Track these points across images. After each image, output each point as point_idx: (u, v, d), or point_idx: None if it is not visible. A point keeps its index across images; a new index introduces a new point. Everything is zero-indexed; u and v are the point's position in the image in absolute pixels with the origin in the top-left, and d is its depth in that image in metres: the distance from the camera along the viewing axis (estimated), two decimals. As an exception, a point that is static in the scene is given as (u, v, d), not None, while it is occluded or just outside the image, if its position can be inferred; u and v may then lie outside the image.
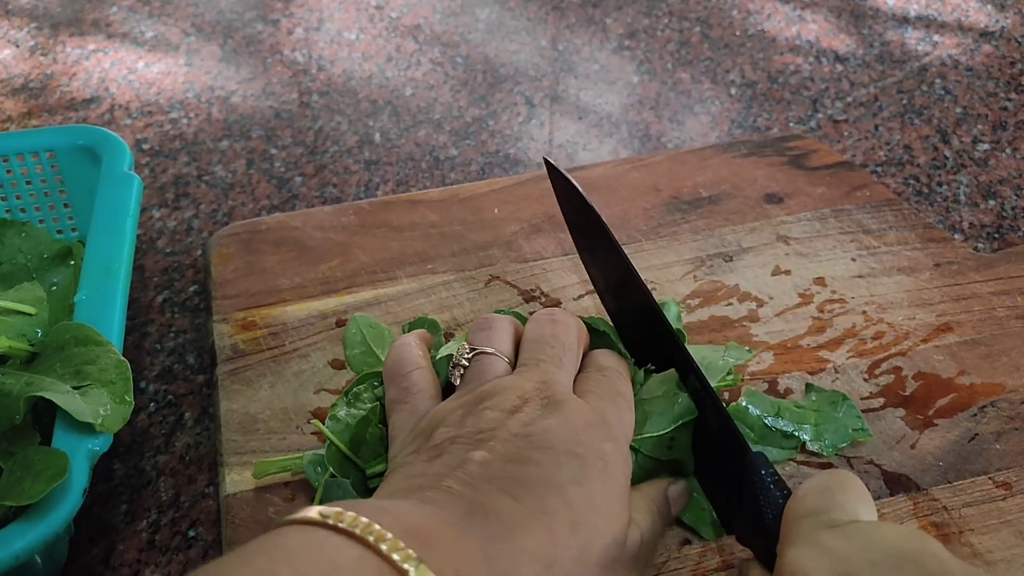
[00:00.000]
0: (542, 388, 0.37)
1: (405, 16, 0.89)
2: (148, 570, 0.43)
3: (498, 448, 0.34)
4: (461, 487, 0.32)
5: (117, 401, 0.39)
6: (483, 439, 0.34)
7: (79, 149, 0.55)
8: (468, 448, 0.34)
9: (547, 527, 0.31)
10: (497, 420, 0.35)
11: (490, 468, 0.33)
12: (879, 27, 0.88)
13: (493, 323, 0.42)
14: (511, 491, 0.32)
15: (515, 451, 0.34)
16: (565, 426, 0.35)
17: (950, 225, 0.64)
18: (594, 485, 0.33)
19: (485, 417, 0.36)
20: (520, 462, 0.33)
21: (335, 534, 0.27)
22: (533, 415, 0.35)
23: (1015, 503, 0.43)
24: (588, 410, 0.37)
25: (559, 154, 0.71)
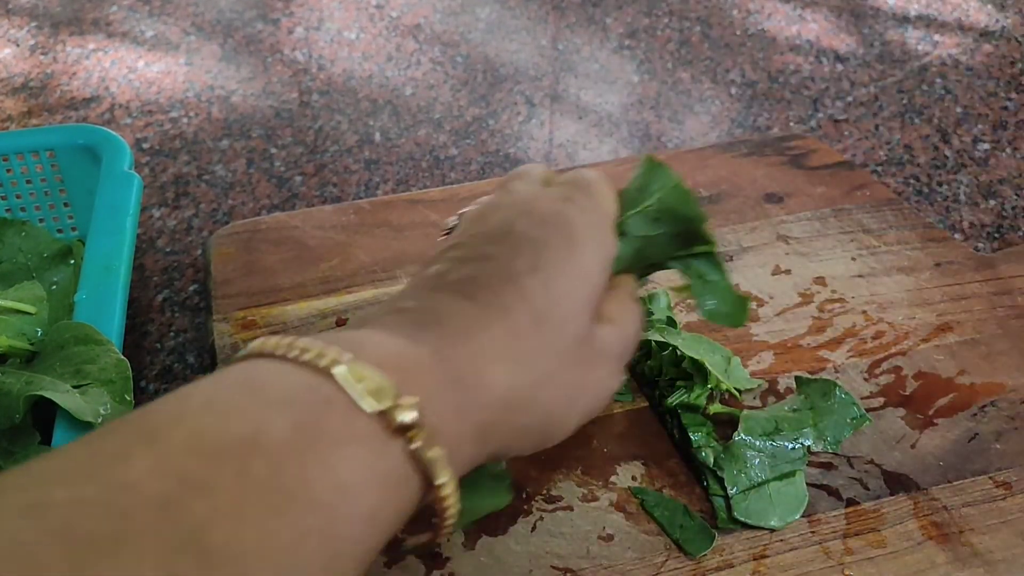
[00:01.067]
0: (507, 181, 0.36)
1: (405, 15, 0.89)
2: (148, 569, 0.43)
3: (453, 254, 0.32)
4: (413, 302, 0.30)
5: (117, 400, 0.39)
6: (457, 244, 0.33)
7: (79, 148, 0.55)
8: (434, 263, 0.33)
9: (505, 321, 0.29)
10: (465, 228, 0.34)
11: (446, 278, 0.31)
12: (879, 27, 0.88)
13: None
14: (465, 291, 0.30)
15: (471, 251, 0.32)
16: (525, 206, 0.33)
17: (950, 225, 0.64)
18: (554, 271, 0.31)
19: (459, 232, 0.35)
20: (476, 260, 0.32)
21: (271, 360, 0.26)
22: (494, 204, 0.34)
23: (1015, 503, 0.43)
24: (554, 191, 0.35)
25: (559, 153, 0.71)
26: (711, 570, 0.40)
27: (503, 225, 0.33)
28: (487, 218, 0.34)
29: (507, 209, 0.34)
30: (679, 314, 0.53)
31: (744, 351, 0.51)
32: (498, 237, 0.32)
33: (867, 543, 0.41)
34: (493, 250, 0.32)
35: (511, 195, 0.36)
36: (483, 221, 0.34)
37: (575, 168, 0.40)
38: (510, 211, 0.34)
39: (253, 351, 0.26)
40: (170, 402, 0.24)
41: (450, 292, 0.30)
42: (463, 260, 0.32)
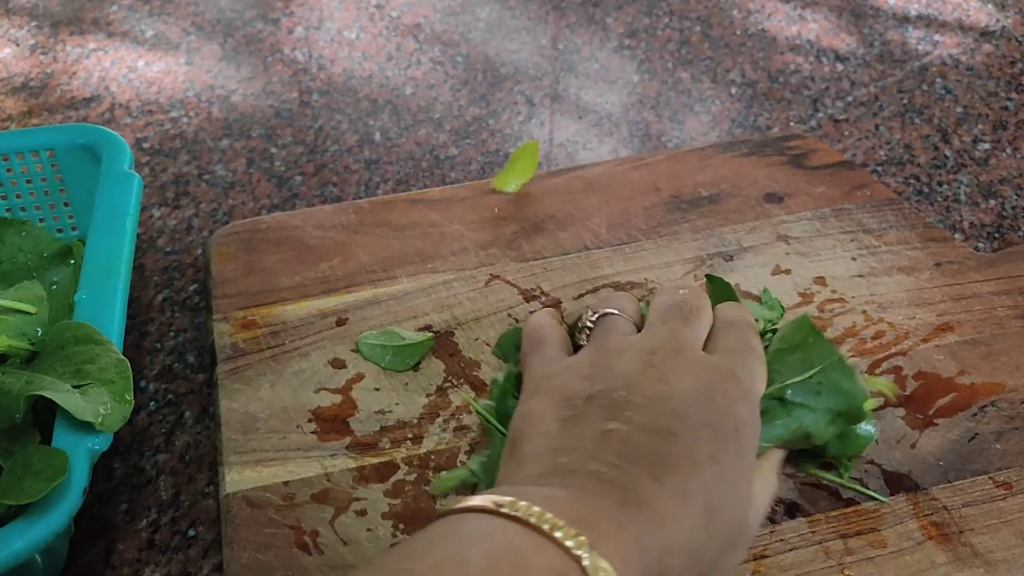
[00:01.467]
0: (669, 342, 0.37)
1: (405, 15, 0.89)
2: (148, 569, 0.43)
3: (635, 418, 0.34)
4: (610, 471, 0.32)
5: (117, 400, 0.39)
6: (617, 403, 0.34)
7: (79, 148, 0.55)
8: (604, 415, 0.34)
9: (689, 512, 0.31)
10: (629, 375, 0.35)
11: (632, 444, 0.33)
12: (880, 26, 0.88)
13: (618, 295, 0.43)
14: (655, 473, 0.32)
15: (653, 420, 0.33)
16: (699, 385, 0.35)
17: (950, 225, 0.64)
18: (728, 462, 0.33)
19: (616, 370, 0.36)
20: (660, 435, 0.33)
21: (510, 522, 0.28)
22: (665, 370, 0.35)
23: (1015, 503, 0.43)
24: (720, 365, 0.36)
25: (559, 153, 0.71)
26: (711, 570, 0.40)
27: (683, 401, 0.34)
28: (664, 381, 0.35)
29: (683, 379, 0.35)
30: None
31: (744, 351, 0.51)
32: (679, 415, 0.34)
33: (867, 543, 0.41)
34: (677, 428, 0.33)
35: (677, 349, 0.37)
36: (659, 380, 0.35)
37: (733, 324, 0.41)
38: (687, 385, 0.35)
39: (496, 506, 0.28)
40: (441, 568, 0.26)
41: (642, 470, 0.32)
42: (646, 429, 0.33)
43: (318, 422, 0.47)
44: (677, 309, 0.40)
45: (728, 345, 0.39)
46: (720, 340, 0.39)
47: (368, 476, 0.44)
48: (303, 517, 0.42)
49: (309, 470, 0.44)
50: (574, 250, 0.58)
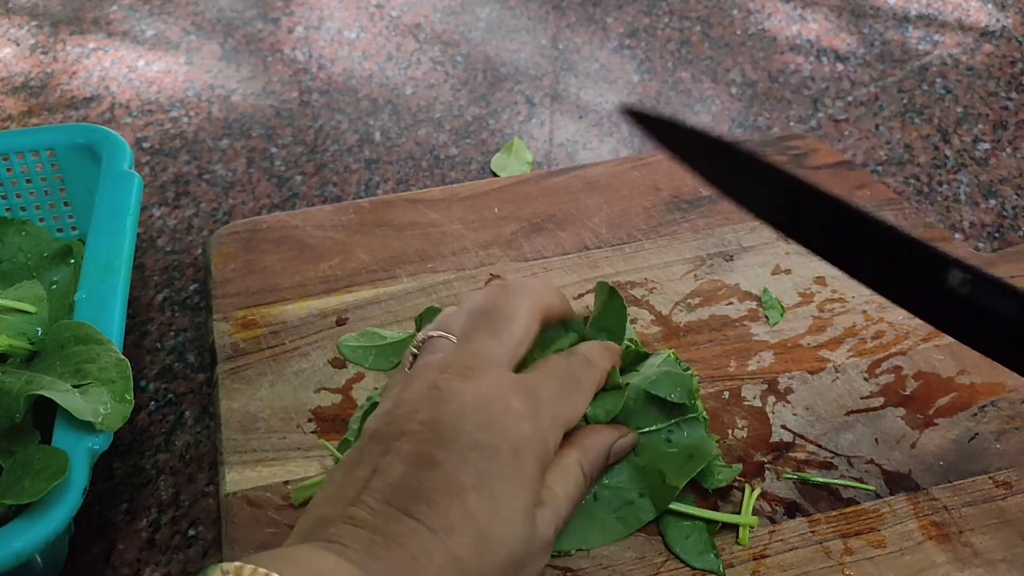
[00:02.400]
0: (465, 358, 0.34)
1: (405, 15, 0.89)
2: (148, 569, 0.43)
3: (404, 448, 0.32)
4: (365, 513, 0.31)
5: (117, 400, 0.39)
6: (391, 435, 0.33)
7: (79, 148, 0.55)
8: (379, 451, 0.32)
9: (452, 544, 0.30)
10: (413, 401, 0.33)
11: (393, 481, 0.31)
12: (880, 26, 0.88)
13: (449, 310, 0.40)
14: (413, 510, 0.30)
15: (418, 450, 0.32)
16: (477, 401, 0.33)
17: (951, 224, 0.64)
18: (499, 487, 0.32)
19: (404, 400, 0.34)
20: (423, 466, 0.31)
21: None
22: (450, 389, 0.33)
23: (1015, 502, 0.43)
24: (514, 382, 0.34)
25: (559, 153, 0.71)
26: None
27: (454, 424, 0.32)
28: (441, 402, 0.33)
29: (463, 395, 0.33)
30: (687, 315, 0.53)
31: (744, 351, 0.51)
32: (447, 441, 0.32)
33: (867, 543, 0.41)
34: (442, 455, 0.32)
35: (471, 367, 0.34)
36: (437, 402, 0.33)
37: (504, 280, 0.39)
38: (465, 401, 0.33)
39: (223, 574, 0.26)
40: None
41: (399, 509, 0.30)
42: (410, 461, 0.32)
43: (318, 422, 0.47)
44: (487, 317, 0.37)
45: (545, 368, 0.36)
46: (542, 363, 0.37)
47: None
48: (303, 517, 0.42)
49: (309, 470, 0.44)
50: (574, 250, 0.58)
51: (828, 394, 0.48)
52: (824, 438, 0.46)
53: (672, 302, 0.54)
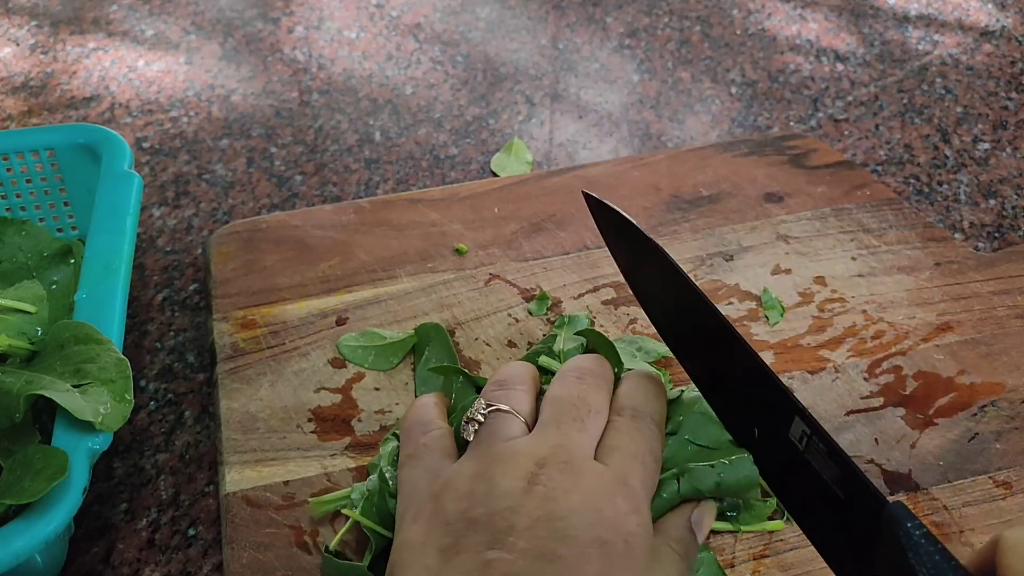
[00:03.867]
0: (558, 452, 0.35)
1: (405, 15, 0.89)
2: (148, 569, 0.43)
3: (519, 544, 0.32)
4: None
5: (117, 399, 0.39)
6: (500, 528, 0.32)
7: (79, 147, 0.55)
8: (485, 542, 0.32)
9: None
10: (513, 495, 0.33)
11: (514, 573, 0.31)
12: (879, 26, 0.88)
13: (512, 380, 0.40)
14: None
15: (537, 545, 0.32)
16: (587, 504, 0.33)
17: (950, 224, 0.64)
18: (621, 574, 0.32)
19: (498, 488, 0.34)
20: (544, 559, 0.31)
21: None
22: (552, 487, 0.33)
23: (1015, 502, 0.43)
24: (611, 477, 0.35)
25: (559, 153, 0.71)
26: (711, 570, 0.40)
27: (569, 522, 0.32)
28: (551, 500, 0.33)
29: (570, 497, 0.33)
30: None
31: (744, 351, 0.51)
32: (565, 538, 0.32)
33: (867, 543, 0.41)
34: (563, 551, 0.32)
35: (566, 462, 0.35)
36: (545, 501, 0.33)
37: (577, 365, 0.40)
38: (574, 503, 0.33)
39: None
40: None
41: None
42: (530, 555, 0.31)
43: (318, 422, 0.47)
44: (574, 410, 0.37)
45: (620, 445, 0.36)
46: (613, 436, 0.37)
47: (368, 476, 0.44)
48: (303, 517, 0.42)
49: (309, 470, 0.44)
50: (574, 250, 0.58)
51: (828, 394, 0.48)
52: (824, 438, 0.46)
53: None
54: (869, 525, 0.32)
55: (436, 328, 0.51)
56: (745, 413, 0.38)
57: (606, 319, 0.53)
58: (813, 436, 0.34)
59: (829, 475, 0.33)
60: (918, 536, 0.30)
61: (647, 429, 0.38)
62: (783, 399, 0.35)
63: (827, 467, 0.33)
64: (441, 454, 0.38)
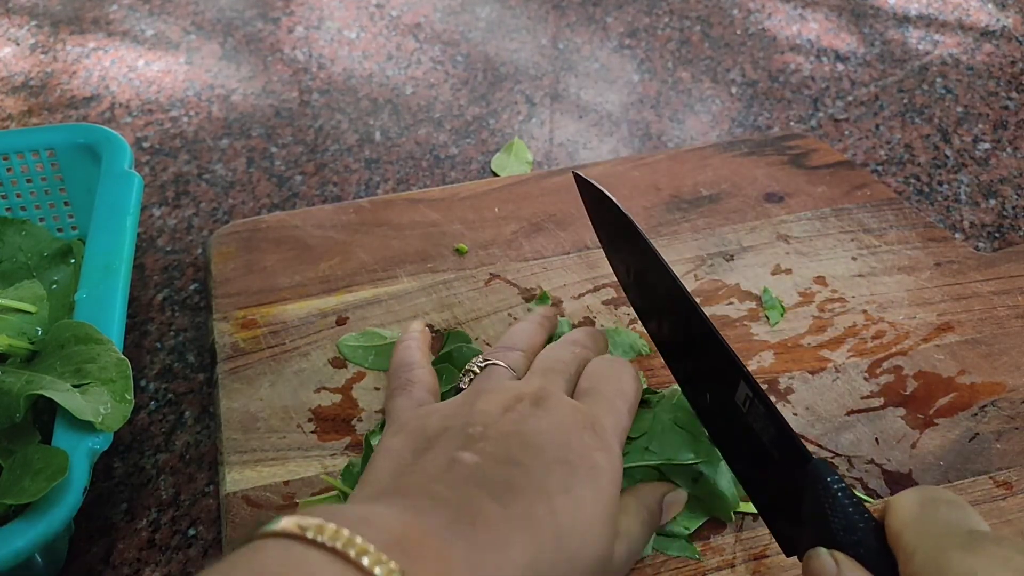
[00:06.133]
0: (538, 392, 0.37)
1: (405, 15, 0.89)
2: (148, 569, 0.43)
3: (488, 448, 0.34)
4: (448, 491, 0.31)
5: (117, 399, 0.39)
6: (472, 436, 0.34)
7: (79, 147, 0.55)
8: (457, 446, 0.34)
9: (534, 536, 0.31)
10: (488, 415, 0.36)
11: (479, 470, 0.32)
12: (880, 26, 0.88)
13: (514, 342, 0.43)
14: (499, 496, 0.31)
15: (504, 451, 0.33)
16: (556, 429, 0.35)
17: (951, 224, 0.64)
18: (583, 494, 0.33)
19: (477, 409, 0.36)
20: (509, 463, 0.33)
21: (314, 549, 0.25)
22: (524, 413, 0.36)
23: (1016, 503, 0.43)
24: (582, 413, 0.37)
25: (559, 153, 0.71)
26: (711, 570, 0.40)
27: (537, 440, 0.34)
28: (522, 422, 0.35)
29: (540, 421, 0.35)
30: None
31: (744, 351, 0.51)
32: (532, 451, 0.34)
33: (867, 543, 0.41)
34: (528, 460, 0.33)
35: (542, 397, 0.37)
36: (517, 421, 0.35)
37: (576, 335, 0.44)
38: (543, 426, 0.35)
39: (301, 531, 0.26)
40: None
41: (485, 493, 0.31)
42: (497, 459, 0.33)
43: (318, 421, 0.47)
44: (561, 364, 0.40)
45: (598, 389, 0.39)
46: (593, 379, 0.40)
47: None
48: (303, 516, 0.42)
49: (309, 470, 0.44)
50: (574, 250, 0.58)
51: (828, 394, 0.48)
52: (824, 438, 0.46)
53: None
54: (796, 480, 0.34)
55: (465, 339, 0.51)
56: (699, 378, 0.41)
57: (606, 319, 0.53)
58: (754, 399, 0.36)
59: (766, 436, 0.35)
60: (835, 489, 0.32)
61: (623, 376, 0.40)
62: (731, 364, 0.37)
63: (765, 429, 0.35)
64: (427, 388, 0.41)
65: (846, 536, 0.31)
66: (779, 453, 0.35)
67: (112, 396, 0.39)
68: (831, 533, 0.31)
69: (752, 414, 0.36)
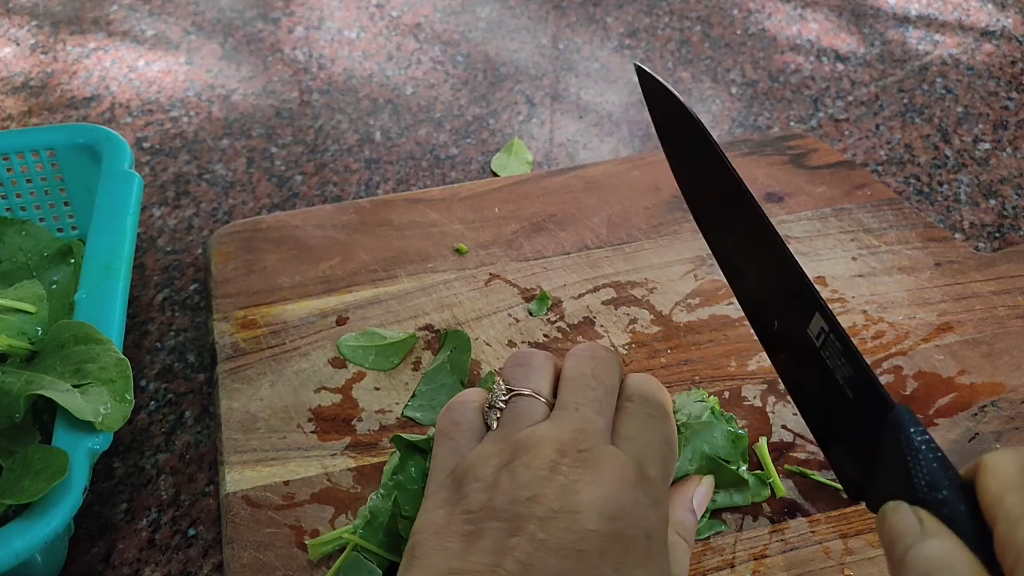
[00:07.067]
0: (578, 438, 0.35)
1: (406, 15, 0.89)
2: (148, 569, 0.43)
3: (539, 534, 0.32)
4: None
5: (117, 399, 0.39)
6: (520, 515, 0.33)
7: (79, 147, 0.55)
8: (506, 529, 0.32)
9: None
10: (533, 484, 0.34)
11: (533, 562, 0.31)
12: (880, 26, 0.88)
13: (530, 359, 0.40)
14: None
15: (558, 537, 0.32)
16: (608, 493, 0.33)
17: (951, 224, 0.64)
18: (637, 572, 0.32)
19: (520, 479, 0.34)
20: (563, 554, 0.31)
21: None
22: (573, 478, 0.34)
23: (1015, 503, 0.43)
24: (630, 467, 0.35)
25: (559, 153, 0.71)
26: (711, 570, 0.40)
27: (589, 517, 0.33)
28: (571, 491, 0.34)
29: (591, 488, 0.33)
30: (687, 314, 0.53)
31: (745, 351, 0.51)
32: (586, 528, 0.32)
33: (867, 543, 0.41)
34: (583, 544, 0.32)
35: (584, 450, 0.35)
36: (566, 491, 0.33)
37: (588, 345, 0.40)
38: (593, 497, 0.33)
39: None
40: None
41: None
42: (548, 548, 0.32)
43: (318, 421, 0.47)
44: (590, 391, 0.37)
45: (635, 433, 0.37)
46: (628, 425, 0.37)
47: (368, 476, 0.44)
48: (303, 517, 0.42)
49: (309, 470, 0.44)
50: (574, 249, 0.58)
51: (828, 394, 0.48)
52: (824, 438, 0.46)
53: (672, 302, 0.54)
54: (874, 427, 0.31)
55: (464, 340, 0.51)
56: (766, 303, 0.38)
57: (606, 319, 0.53)
58: (831, 334, 0.33)
59: (842, 375, 0.33)
60: (919, 442, 0.30)
61: (660, 417, 0.38)
62: (806, 292, 0.34)
63: (840, 367, 0.33)
64: (471, 434, 0.38)
65: (930, 494, 0.28)
66: (855, 395, 0.32)
67: (112, 396, 0.39)
68: (912, 488, 0.29)
69: (827, 349, 0.33)
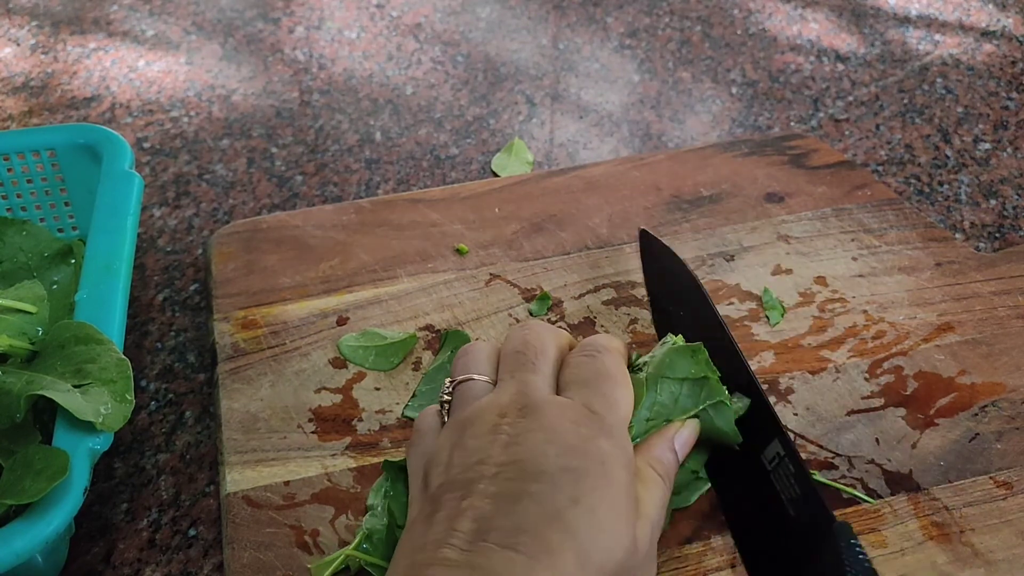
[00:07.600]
0: (517, 399, 0.36)
1: (406, 15, 0.89)
2: (148, 569, 0.43)
3: (489, 489, 0.32)
4: (458, 555, 0.30)
5: (118, 400, 0.39)
6: (471, 479, 0.33)
7: (80, 147, 0.55)
8: (459, 498, 0.33)
9: (555, 570, 0.30)
10: (481, 448, 0.34)
11: (484, 520, 0.31)
12: (880, 26, 0.88)
13: (469, 350, 0.40)
14: (510, 542, 0.30)
15: (504, 488, 0.32)
16: (551, 436, 0.34)
17: (951, 224, 0.64)
18: (595, 498, 0.32)
19: (469, 448, 0.34)
20: (512, 500, 0.32)
21: None
22: (515, 431, 0.34)
23: (1016, 503, 0.43)
24: (570, 407, 0.35)
25: (559, 153, 0.71)
26: (711, 570, 0.40)
27: (534, 458, 0.33)
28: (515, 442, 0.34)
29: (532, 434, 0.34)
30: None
31: (745, 351, 0.51)
32: (532, 473, 0.32)
33: (867, 543, 0.41)
34: (531, 486, 0.32)
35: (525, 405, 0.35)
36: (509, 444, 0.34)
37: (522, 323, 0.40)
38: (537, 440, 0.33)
39: None
40: None
41: (495, 544, 0.30)
42: (499, 498, 0.32)
43: (318, 422, 0.47)
44: (522, 356, 0.38)
45: (579, 377, 0.37)
46: (571, 370, 0.38)
47: (368, 476, 0.44)
48: (303, 517, 0.42)
49: (309, 470, 0.44)
50: (575, 250, 0.58)
51: (829, 394, 0.48)
52: (825, 438, 0.46)
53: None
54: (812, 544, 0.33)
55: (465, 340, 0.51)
56: None
57: (606, 319, 0.53)
58: (785, 457, 0.35)
59: (788, 495, 0.35)
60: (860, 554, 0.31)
61: (603, 358, 0.38)
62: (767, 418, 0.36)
63: (788, 487, 0.35)
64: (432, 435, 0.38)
65: None
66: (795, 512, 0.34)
67: (112, 396, 0.39)
68: None
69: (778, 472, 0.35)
